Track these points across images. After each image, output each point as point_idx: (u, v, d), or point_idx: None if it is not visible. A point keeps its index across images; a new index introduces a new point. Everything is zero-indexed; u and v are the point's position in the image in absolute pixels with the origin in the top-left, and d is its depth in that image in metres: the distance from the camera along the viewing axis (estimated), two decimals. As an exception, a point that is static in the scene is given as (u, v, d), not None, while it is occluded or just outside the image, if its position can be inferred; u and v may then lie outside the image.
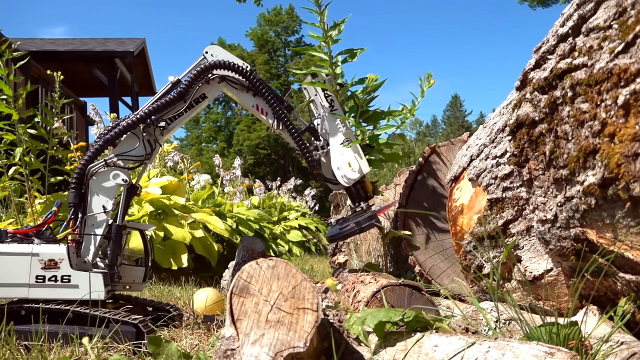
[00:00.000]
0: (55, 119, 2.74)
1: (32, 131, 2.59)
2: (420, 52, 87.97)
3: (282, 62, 33.18)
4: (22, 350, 1.29)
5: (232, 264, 2.41)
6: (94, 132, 4.42)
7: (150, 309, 1.75)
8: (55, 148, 2.78)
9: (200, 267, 3.28)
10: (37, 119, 2.62)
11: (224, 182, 5.68)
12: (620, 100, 0.87)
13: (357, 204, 1.73)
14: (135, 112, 1.64)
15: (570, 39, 1.05)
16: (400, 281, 1.42)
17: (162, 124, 1.64)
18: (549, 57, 1.13)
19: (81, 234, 1.55)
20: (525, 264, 1.34)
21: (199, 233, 3.13)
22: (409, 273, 2.05)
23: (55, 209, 1.58)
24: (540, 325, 0.93)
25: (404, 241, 1.99)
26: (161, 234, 2.92)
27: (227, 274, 2.42)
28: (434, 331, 0.99)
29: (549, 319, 0.99)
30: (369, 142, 1.83)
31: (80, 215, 1.56)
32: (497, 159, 1.41)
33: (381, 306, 1.34)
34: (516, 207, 1.33)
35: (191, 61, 1.74)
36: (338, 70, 1.79)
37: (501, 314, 1.23)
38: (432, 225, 1.98)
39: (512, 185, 1.34)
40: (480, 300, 1.48)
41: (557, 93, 1.06)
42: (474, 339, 0.83)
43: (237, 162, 5.97)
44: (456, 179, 1.71)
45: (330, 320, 1.09)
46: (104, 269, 1.55)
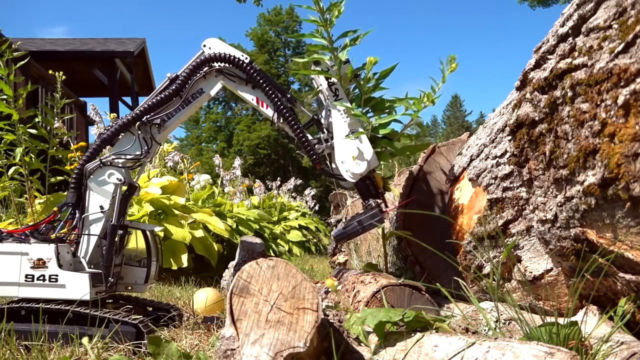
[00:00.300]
0: (56, 118, 2.74)
1: (33, 131, 2.59)
2: (420, 52, 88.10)
3: (282, 62, 33.23)
4: (22, 350, 1.29)
5: (232, 264, 2.41)
6: (94, 132, 4.43)
7: (150, 309, 1.75)
8: (55, 148, 2.78)
9: (200, 267, 3.28)
10: (37, 119, 2.62)
11: (224, 182, 5.69)
12: (620, 100, 0.87)
13: (367, 201, 1.60)
14: (132, 110, 1.63)
15: (570, 39, 1.05)
16: (400, 281, 1.42)
17: (158, 121, 1.60)
18: (549, 57, 1.13)
19: (79, 233, 1.55)
20: (525, 264, 1.34)
21: (199, 233, 3.13)
22: (409, 273, 2.05)
23: (56, 208, 1.58)
24: (540, 325, 0.93)
25: (403, 241, 1.99)
26: (161, 234, 2.92)
27: (227, 274, 2.42)
28: (434, 331, 0.99)
29: (549, 319, 0.99)
30: (381, 134, 1.65)
31: (78, 215, 1.56)
32: (497, 159, 1.41)
33: (381, 306, 1.34)
34: (516, 207, 1.33)
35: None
36: (343, 56, 1.60)
37: (501, 314, 1.23)
38: (432, 225, 1.98)
39: (512, 185, 1.34)
40: (480, 300, 1.48)
41: (557, 93, 1.06)
42: (474, 339, 0.83)
43: (237, 162, 5.97)
44: (456, 179, 1.70)
45: (330, 320, 1.09)
46: (99, 269, 1.54)
